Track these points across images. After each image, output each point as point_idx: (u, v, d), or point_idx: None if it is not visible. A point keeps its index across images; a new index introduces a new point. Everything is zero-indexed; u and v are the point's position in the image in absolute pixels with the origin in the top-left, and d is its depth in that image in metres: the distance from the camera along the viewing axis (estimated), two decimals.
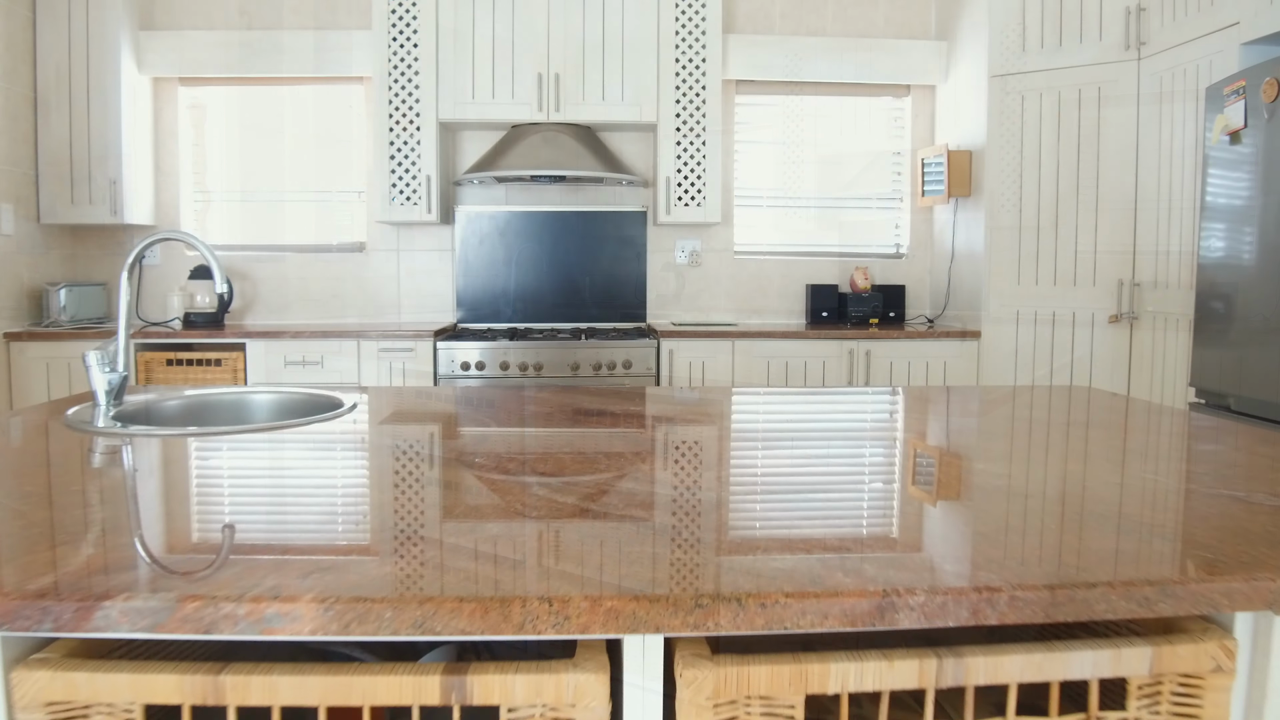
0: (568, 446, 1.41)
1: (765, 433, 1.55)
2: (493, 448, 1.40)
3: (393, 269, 4.54)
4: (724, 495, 1.12)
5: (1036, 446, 1.44)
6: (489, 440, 1.47)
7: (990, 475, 1.24)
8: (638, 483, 1.17)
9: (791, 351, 4.04)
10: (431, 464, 1.29)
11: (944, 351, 4.11)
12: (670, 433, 1.54)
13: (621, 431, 1.54)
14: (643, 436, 1.50)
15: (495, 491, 1.13)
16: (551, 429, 1.57)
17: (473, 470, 1.25)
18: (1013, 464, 1.31)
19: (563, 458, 1.33)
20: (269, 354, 3.93)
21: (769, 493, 1.14)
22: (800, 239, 4.69)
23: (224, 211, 4.55)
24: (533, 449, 1.39)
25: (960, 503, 1.10)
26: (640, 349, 3.92)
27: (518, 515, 1.03)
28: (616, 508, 1.05)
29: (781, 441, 1.48)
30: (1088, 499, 1.10)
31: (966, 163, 4.23)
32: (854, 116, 4.67)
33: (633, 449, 1.39)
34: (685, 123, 4.20)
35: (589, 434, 1.51)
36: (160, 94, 4.46)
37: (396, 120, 4.13)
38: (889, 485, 1.20)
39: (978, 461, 1.33)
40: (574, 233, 4.50)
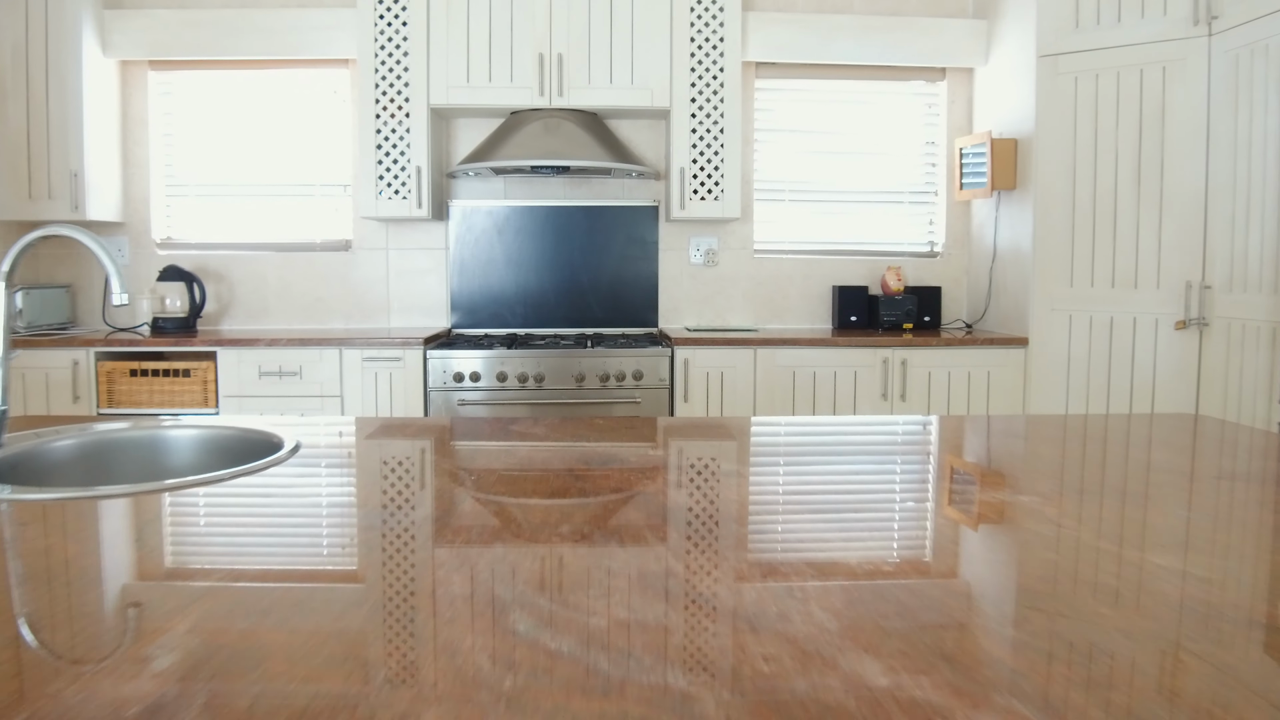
0: (564, 533, 1.03)
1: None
2: (462, 525, 1.03)
3: (381, 269, 4.17)
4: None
5: (1220, 526, 1.05)
6: (459, 517, 1.10)
7: (1193, 582, 0.86)
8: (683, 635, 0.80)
9: (819, 360, 3.66)
10: (383, 548, 0.92)
11: (987, 361, 3.72)
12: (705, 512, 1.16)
13: (633, 523, 1.16)
14: (664, 533, 1.12)
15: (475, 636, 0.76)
16: (545, 502, 1.19)
17: (445, 587, 0.88)
18: (1208, 559, 0.93)
19: (559, 574, 0.95)
20: (241, 364, 3.56)
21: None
22: (825, 236, 4.31)
23: (198, 207, 4.18)
24: (515, 549, 1.02)
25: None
26: (652, 358, 3.54)
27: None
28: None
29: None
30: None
31: (1011, 152, 3.84)
32: (884, 102, 4.28)
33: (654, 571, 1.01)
34: (701, 108, 3.81)
35: (589, 511, 1.14)
36: (128, 79, 4.09)
37: (384, 106, 3.75)
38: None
39: (1156, 556, 0.95)
40: (579, 230, 4.12)
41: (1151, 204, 3.45)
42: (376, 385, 3.56)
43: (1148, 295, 3.47)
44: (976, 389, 3.72)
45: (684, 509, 1.09)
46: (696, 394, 3.62)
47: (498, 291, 4.13)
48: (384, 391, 3.56)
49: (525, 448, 1.42)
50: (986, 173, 3.86)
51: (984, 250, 4.15)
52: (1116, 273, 3.54)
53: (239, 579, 0.83)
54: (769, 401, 3.65)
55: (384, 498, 1.14)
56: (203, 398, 3.60)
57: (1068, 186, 3.64)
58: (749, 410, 3.64)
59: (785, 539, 0.96)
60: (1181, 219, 3.37)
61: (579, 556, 0.91)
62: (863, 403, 3.68)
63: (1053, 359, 3.69)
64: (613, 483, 1.21)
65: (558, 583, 0.83)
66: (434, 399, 3.52)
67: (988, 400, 3.72)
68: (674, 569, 0.87)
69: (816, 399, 3.67)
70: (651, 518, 1.04)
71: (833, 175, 4.28)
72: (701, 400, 3.62)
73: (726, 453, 1.40)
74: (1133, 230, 3.50)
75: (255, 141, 4.15)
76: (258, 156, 4.15)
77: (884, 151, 4.30)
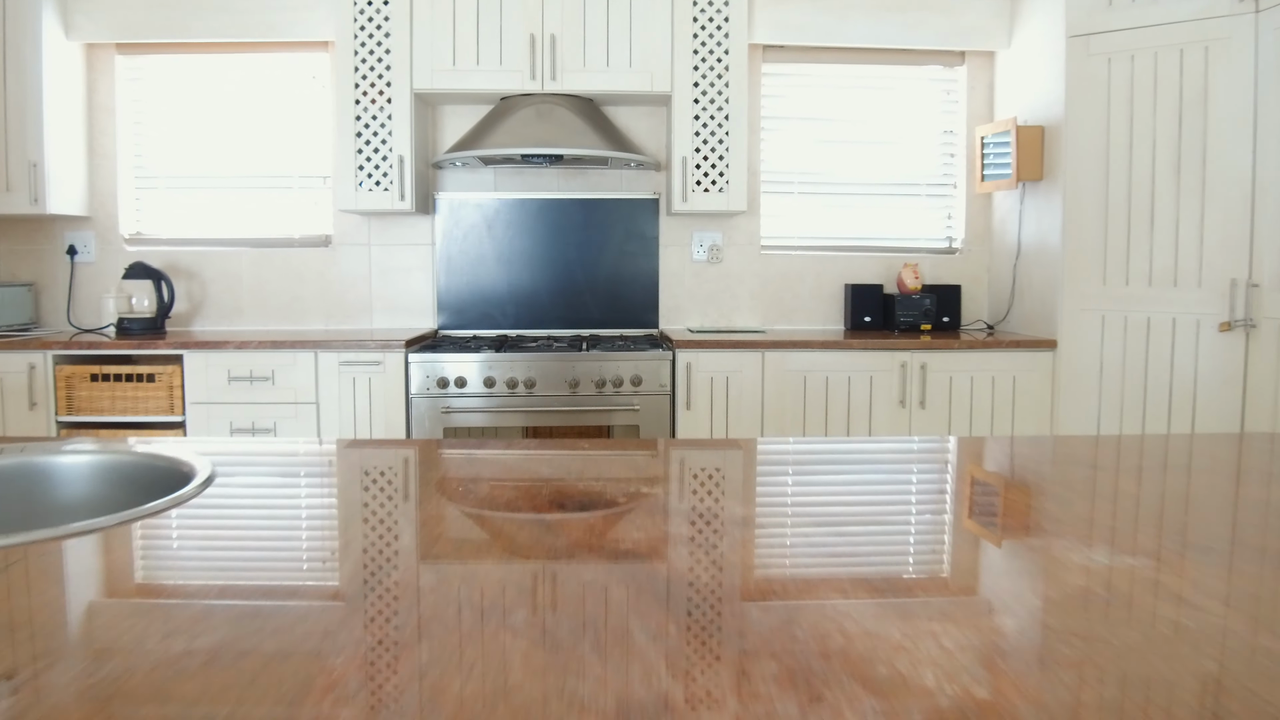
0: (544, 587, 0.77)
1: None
2: (413, 579, 0.77)
3: (363, 267, 3.90)
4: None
5: None
6: (402, 569, 0.84)
7: None
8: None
9: (831, 364, 3.40)
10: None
11: (1013, 364, 3.45)
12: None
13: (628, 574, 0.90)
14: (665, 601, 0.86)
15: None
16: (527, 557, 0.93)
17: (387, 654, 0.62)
18: None
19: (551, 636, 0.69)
20: (210, 368, 3.30)
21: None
22: (837, 231, 4.04)
23: (169, 200, 3.92)
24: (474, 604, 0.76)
25: None
26: (652, 361, 3.28)
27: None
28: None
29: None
30: None
31: (1038, 140, 3.57)
32: (899, 89, 4.02)
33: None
34: (705, 93, 3.55)
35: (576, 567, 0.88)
36: (94, 64, 3.83)
37: (364, 91, 3.49)
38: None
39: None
40: (574, 224, 3.85)
41: (1192, 195, 3.18)
42: (355, 391, 3.30)
43: (1188, 294, 3.21)
44: (1001, 395, 3.46)
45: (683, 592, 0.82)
46: (700, 401, 3.36)
47: (487, 290, 3.87)
48: (362, 398, 3.30)
49: (492, 471, 1.16)
50: (1011, 163, 3.59)
51: (1007, 246, 3.88)
52: (1154, 269, 3.28)
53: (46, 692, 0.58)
54: (778, 409, 3.39)
55: (292, 560, 0.88)
56: (169, 404, 3.34)
57: (1100, 176, 3.38)
58: (756, 419, 3.38)
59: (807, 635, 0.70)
60: (1226, 211, 3.11)
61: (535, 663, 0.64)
62: (879, 410, 3.42)
63: (1084, 363, 3.43)
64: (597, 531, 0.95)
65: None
66: (416, 406, 3.26)
67: (1013, 408, 3.46)
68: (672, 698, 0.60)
69: (829, 406, 3.41)
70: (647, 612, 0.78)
71: (844, 166, 4.02)
72: (705, 408, 3.36)
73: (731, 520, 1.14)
74: (1172, 223, 3.23)
75: (230, 131, 3.89)
76: (232, 147, 3.90)
77: (899, 141, 4.03)
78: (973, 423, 3.45)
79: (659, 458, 1.32)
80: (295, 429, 3.30)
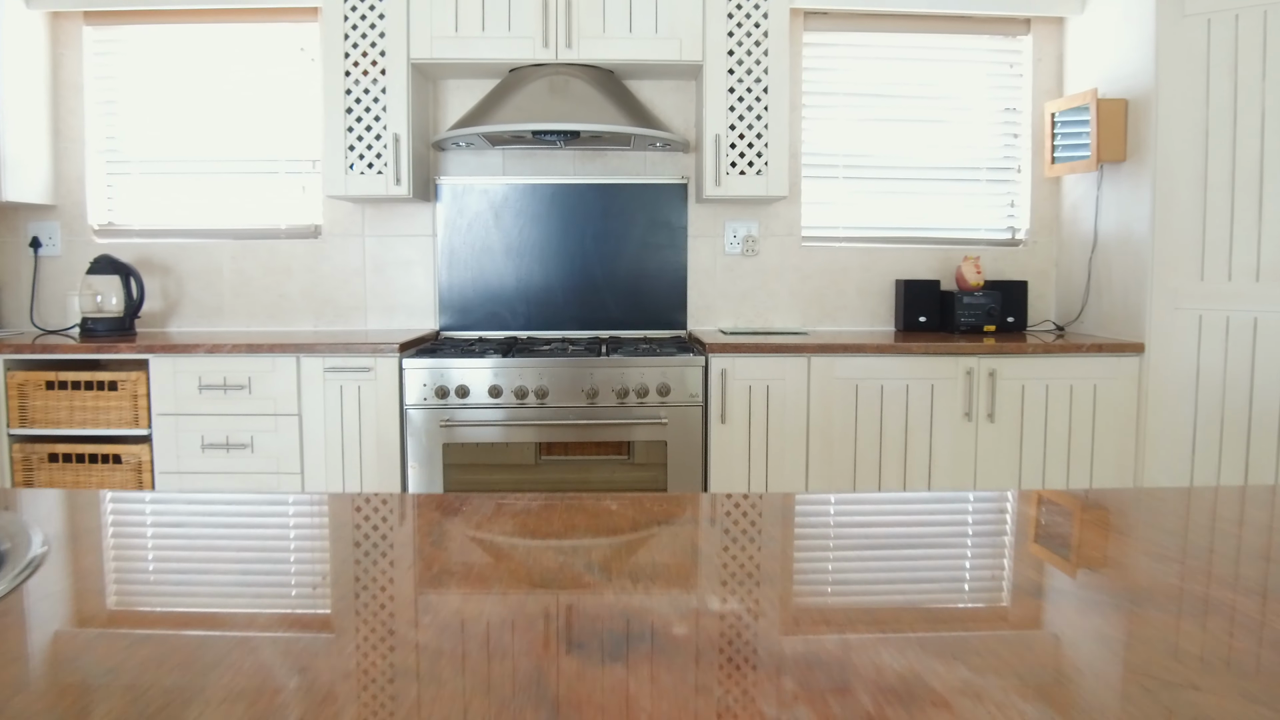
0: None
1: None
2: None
3: (356, 260, 3.50)
4: None
5: None
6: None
7: None
8: None
9: (887, 371, 2.97)
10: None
11: (1092, 371, 3.01)
12: None
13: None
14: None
15: None
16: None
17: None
18: None
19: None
20: (178, 374, 2.90)
21: None
22: (885, 221, 3.61)
23: (144, 187, 3.53)
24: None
25: None
26: (680, 368, 2.86)
27: None
28: None
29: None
30: None
31: (1121, 116, 3.13)
32: (956, 61, 3.58)
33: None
34: (741, 62, 3.12)
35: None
36: (59, 36, 3.45)
37: (354, 61, 3.09)
38: None
39: None
40: (592, 212, 3.44)
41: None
42: (342, 401, 2.90)
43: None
44: (1080, 407, 3.02)
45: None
46: (736, 413, 2.93)
47: (495, 287, 3.45)
48: (351, 409, 2.89)
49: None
50: (1090, 142, 3.15)
51: (1080, 237, 3.44)
52: (1262, 263, 2.83)
53: None
54: (825, 422, 2.96)
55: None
56: (133, 416, 2.95)
57: (1198, 156, 2.93)
58: (800, 434, 2.95)
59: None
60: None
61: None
62: (942, 424, 2.98)
63: (1177, 370, 2.98)
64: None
65: None
66: (412, 419, 2.85)
67: (1093, 422, 3.02)
68: None
69: (885, 420, 2.98)
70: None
71: (894, 148, 3.58)
72: (742, 421, 2.94)
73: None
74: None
75: (210, 110, 3.49)
76: (213, 128, 3.50)
77: (955, 120, 3.59)
78: (1048, 440, 3.01)
79: (718, 527, 0.90)
80: (275, 444, 2.90)
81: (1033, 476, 3.03)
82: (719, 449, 2.94)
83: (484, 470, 2.88)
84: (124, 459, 2.96)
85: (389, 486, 2.91)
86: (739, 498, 1.01)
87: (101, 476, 2.97)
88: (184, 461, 2.92)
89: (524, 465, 2.87)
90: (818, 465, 2.97)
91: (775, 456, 2.95)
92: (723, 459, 2.94)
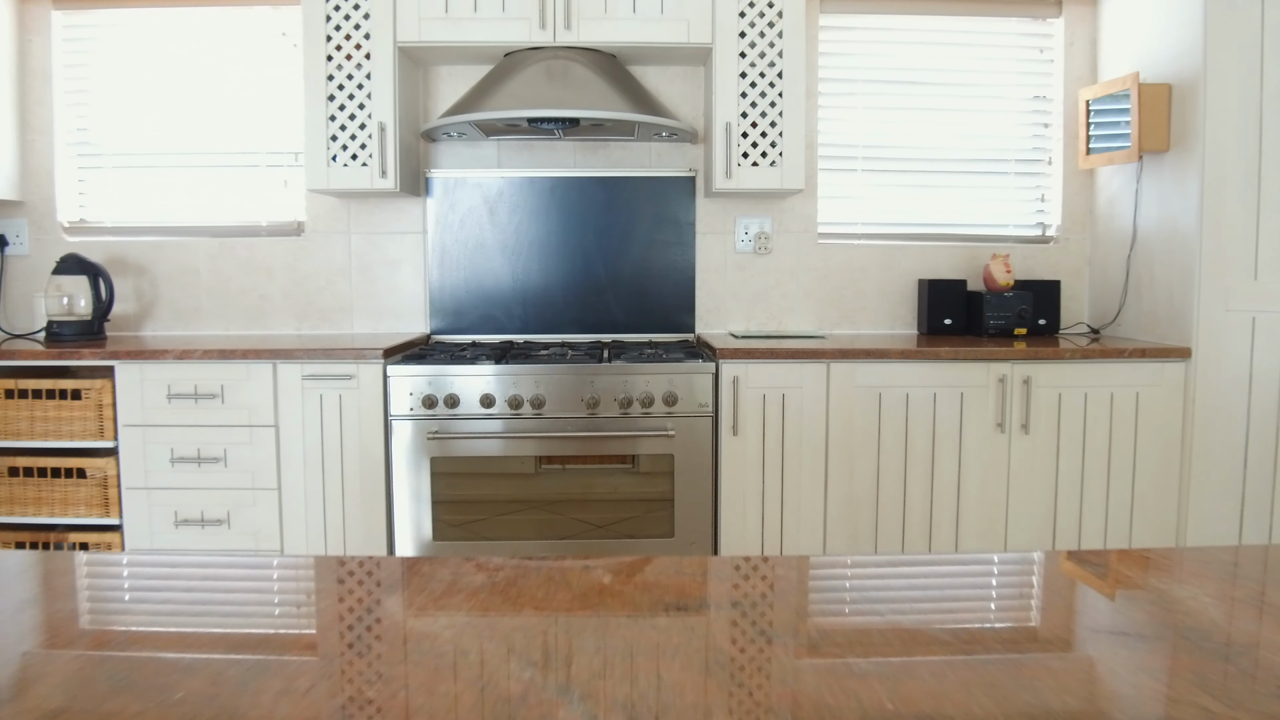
0: None
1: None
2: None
3: (341, 259, 3.28)
4: None
5: None
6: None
7: None
8: None
9: (912, 378, 2.74)
10: None
11: (1134, 378, 2.78)
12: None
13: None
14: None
15: None
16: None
17: None
18: None
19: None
20: (146, 382, 2.69)
21: None
22: (907, 217, 3.38)
23: (117, 181, 3.31)
24: None
25: None
26: (689, 374, 2.64)
27: None
28: None
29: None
30: None
31: (1164, 102, 2.89)
32: (981, 45, 3.34)
33: None
34: (754, 45, 2.90)
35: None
36: (26, 20, 3.24)
37: (337, 45, 2.87)
38: None
39: None
40: (593, 207, 3.21)
41: None
42: (322, 411, 2.68)
43: None
44: (1122, 418, 2.78)
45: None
46: (749, 424, 2.71)
47: (489, 287, 3.23)
48: (332, 420, 2.67)
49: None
50: (1131, 130, 2.91)
51: (1116, 233, 3.20)
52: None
53: None
54: (846, 434, 2.73)
55: None
56: (98, 427, 2.73)
57: (1250, 144, 2.70)
58: (819, 447, 2.72)
59: None
60: None
61: None
62: (972, 436, 2.75)
63: (1228, 376, 2.75)
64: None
65: None
66: (397, 431, 2.63)
67: (1135, 433, 2.78)
68: None
69: (910, 431, 2.74)
70: None
71: (917, 139, 3.35)
72: (756, 433, 2.71)
73: None
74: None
75: (188, 100, 3.28)
76: (191, 119, 3.28)
77: (982, 108, 3.36)
78: (1086, 453, 2.78)
79: (739, 623, 0.68)
80: (250, 458, 2.68)
81: (1070, 494, 2.79)
82: (730, 463, 2.71)
83: (476, 483, 2.65)
84: (89, 473, 2.75)
85: (373, 502, 2.69)
86: (765, 569, 0.78)
87: (65, 492, 2.76)
88: (152, 476, 2.70)
89: (521, 475, 2.65)
90: (837, 480, 2.74)
91: (791, 471, 2.72)
92: (734, 474, 2.71)
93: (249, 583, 0.71)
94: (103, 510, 2.75)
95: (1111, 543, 2.82)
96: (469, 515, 2.66)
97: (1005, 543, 2.79)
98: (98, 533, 2.77)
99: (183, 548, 2.71)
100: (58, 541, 2.77)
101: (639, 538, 2.67)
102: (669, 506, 2.68)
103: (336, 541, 2.70)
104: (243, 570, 0.74)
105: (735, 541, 2.73)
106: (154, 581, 0.71)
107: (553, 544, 2.67)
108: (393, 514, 2.67)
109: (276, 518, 2.70)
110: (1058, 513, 2.80)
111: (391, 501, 2.68)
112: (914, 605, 0.67)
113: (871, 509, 2.76)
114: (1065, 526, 2.80)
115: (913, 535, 2.77)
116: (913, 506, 2.77)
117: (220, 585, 0.70)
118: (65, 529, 2.82)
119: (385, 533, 2.70)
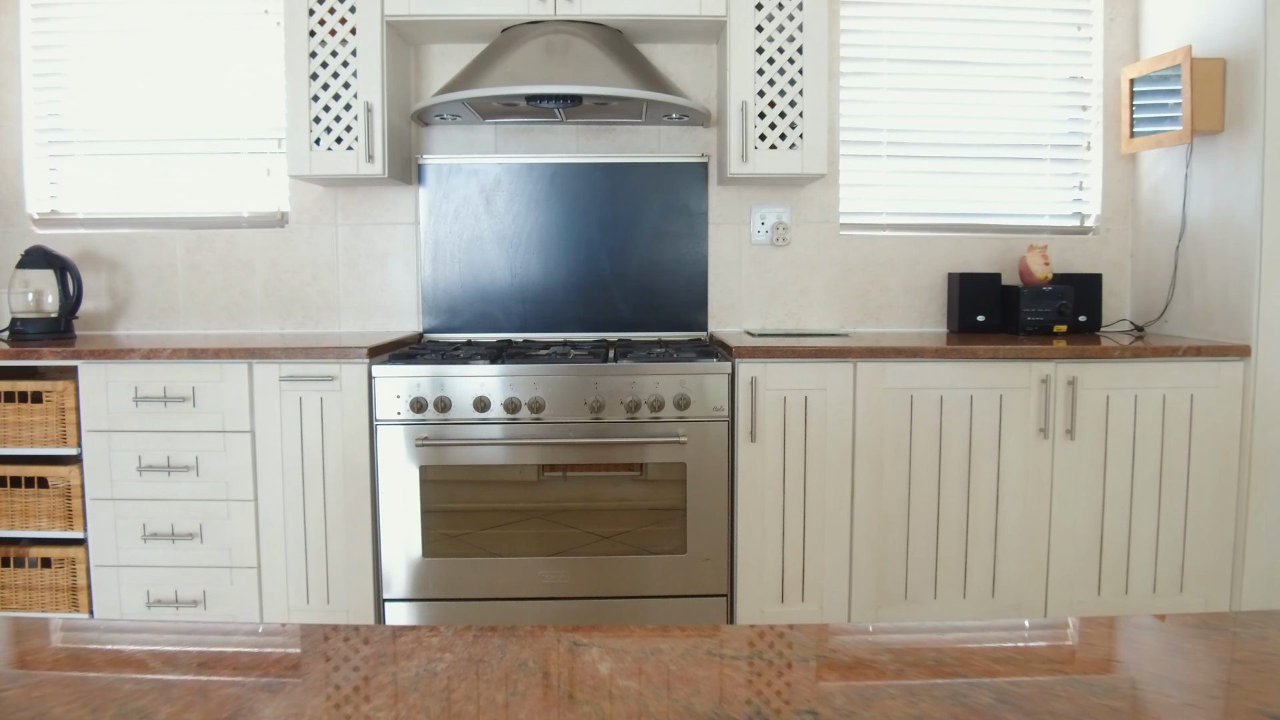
0: None
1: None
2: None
3: (327, 252, 3.06)
4: None
5: None
6: None
7: None
8: None
9: (946, 379, 2.50)
10: None
11: (1187, 379, 2.54)
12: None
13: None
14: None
15: None
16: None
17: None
18: None
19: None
20: (111, 384, 2.47)
21: None
22: (935, 206, 3.15)
23: (90, 170, 3.10)
24: None
25: None
26: (702, 375, 2.41)
27: None
28: None
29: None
30: None
31: (1218, 79, 2.66)
32: (1015, 22, 3.11)
33: None
34: (771, 18, 2.67)
35: None
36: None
37: (321, 19, 2.65)
38: None
39: None
40: (597, 196, 2.99)
41: None
42: (302, 416, 2.45)
43: None
44: (1175, 422, 2.54)
45: None
46: (769, 430, 2.47)
47: (486, 283, 3.01)
48: (312, 425, 2.45)
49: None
50: (1182, 109, 2.68)
51: (1163, 222, 2.96)
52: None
53: None
54: (875, 441, 2.49)
55: None
56: (60, 433, 2.51)
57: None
58: (846, 455, 2.49)
59: None
60: None
61: None
62: (1012, 442, 2.52)
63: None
64: None
65: None
66: (383, 436, 2.41)
67: (1189, 438, 2.54)
68: None
69: (945, 438, 2.51)
70: None
71: (946, 122, 3.12)
72: (776, 440, 2.47)
73: None
74: None
75: (165, 83, 3.06)
76: (168, 103, 3.07)
77: (1016, 89, 3.13)
78: (1136, 460, 2.54)
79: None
80: (224, 466, 2.46)
81: (1118, 506, 2.55)
82: (748, 472, 2.48)
83: (470, 493, 2.43)
84: (51, 482, 2.53)
85: (357, 514, 2.46)
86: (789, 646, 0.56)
87: (26, 503, 2.54)
88: (119, 486, 2.48)
89: (519, 485, 2.43)
90: (865, 491, 2.51)
91: (815, 480, 2.49)
92: (752, 484, 2.48)
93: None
94: (66, 523, 2.53)
95: (1164, 559, 2.58)
96: (462, 528, 2.43)
97: (1048, 560, 2.55)
98: (61, 547, 2.55)
99: (153, 619, 2.49)
100: (18, 557, 2.56)
101: (647, 553, 2.44)
102: (680, 519, 2.45)
103: (318, 558, 2.47)
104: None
105: (753, 559, 2.50)
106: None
107: (553, 560, 2.44)
108: (379, 527, 2.45)
109: (253, 532, 2.47)
110: (1104, 527, 2.56)
111: (377, 514, 2.45)
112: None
113: (903, 524, 2.53)
114: (1113, 541, 2.56)
115: (947, 554, 2.54)
116: (947, 520, 2.53)
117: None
118: (27, 543, 2.60)
119: (370, 548, 2.47)
